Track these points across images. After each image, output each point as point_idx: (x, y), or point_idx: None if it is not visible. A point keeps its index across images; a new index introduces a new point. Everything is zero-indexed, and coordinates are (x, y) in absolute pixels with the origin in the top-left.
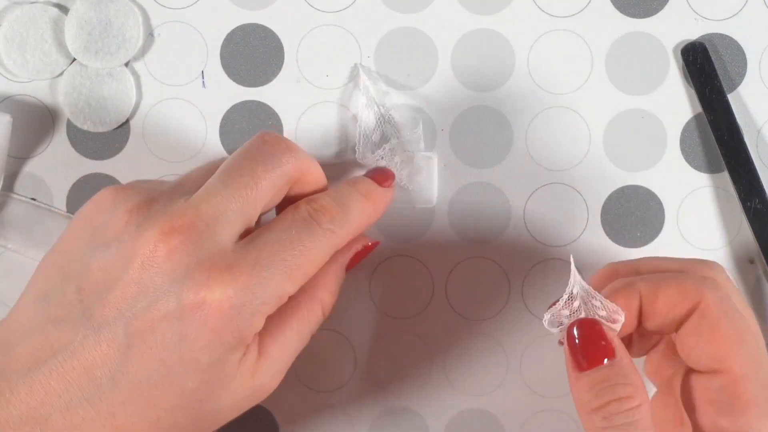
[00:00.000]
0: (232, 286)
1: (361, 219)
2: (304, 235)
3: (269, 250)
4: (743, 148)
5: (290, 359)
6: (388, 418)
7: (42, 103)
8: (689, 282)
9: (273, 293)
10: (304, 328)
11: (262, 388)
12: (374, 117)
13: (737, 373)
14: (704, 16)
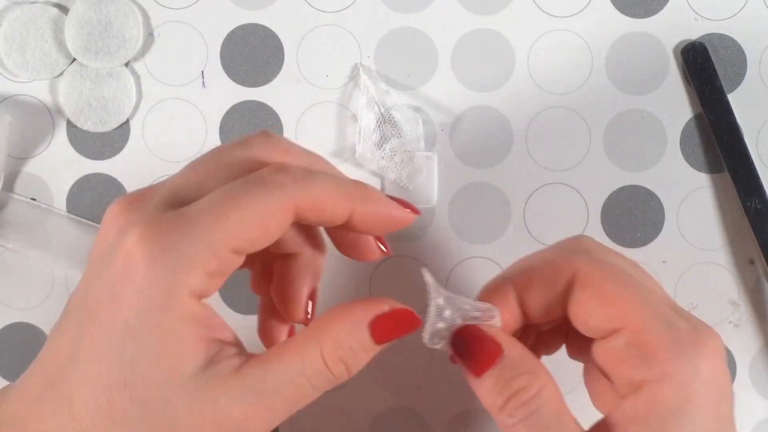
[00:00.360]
0: (157, 238)
1: (331, 195)
2: (250, 187)
3: (204, 202)
4: (743, 148)
5: (275, 402)
6: (388, 418)
7: (42, 103)
8: (558, 260)
9: (202, 243)
10: (298, 373)
11: (229, 413)
12: (374, 117)
13: (636, 325)
14: (704, 16)
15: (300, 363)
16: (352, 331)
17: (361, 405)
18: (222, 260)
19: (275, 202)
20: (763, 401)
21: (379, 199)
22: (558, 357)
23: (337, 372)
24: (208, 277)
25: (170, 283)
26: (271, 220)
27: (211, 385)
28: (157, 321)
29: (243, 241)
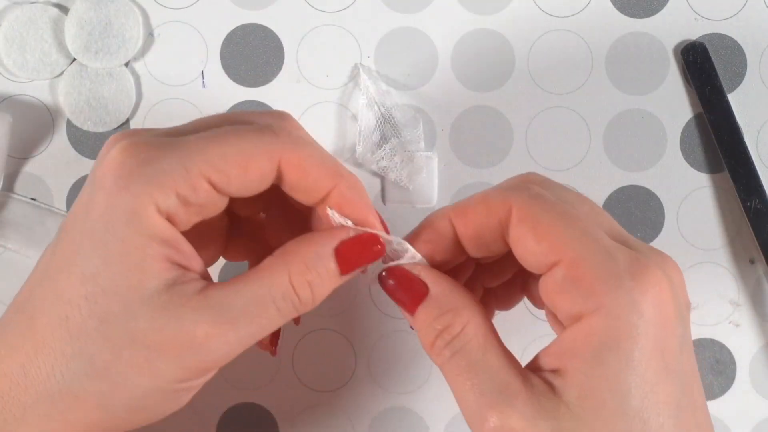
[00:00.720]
0: (133, 153)
1: (318, 163)
2: (241, 128)
3: (194, 134)
4: (743, 148)
5: (239, 323)
6: (388, 418)
7: (42, 103)
8: (493, 195)
9: (178, 164)
10: (264, 294)
11: (193, 332)
12: (374, 117)
13: (573, 257)
14: (704, 16)
15: (267, 285)
16: (320, 254)
17: (361, 405)
18: (196, 188)
19: (260, 145)
20: (763, 401)
21: (363, 194)
22: None
23: (303, 296)
24: (179, 201)
25: (139, 196)
26: (252, 161)
27: (174, 303)
28: (123, 235)
29: (220, 174)
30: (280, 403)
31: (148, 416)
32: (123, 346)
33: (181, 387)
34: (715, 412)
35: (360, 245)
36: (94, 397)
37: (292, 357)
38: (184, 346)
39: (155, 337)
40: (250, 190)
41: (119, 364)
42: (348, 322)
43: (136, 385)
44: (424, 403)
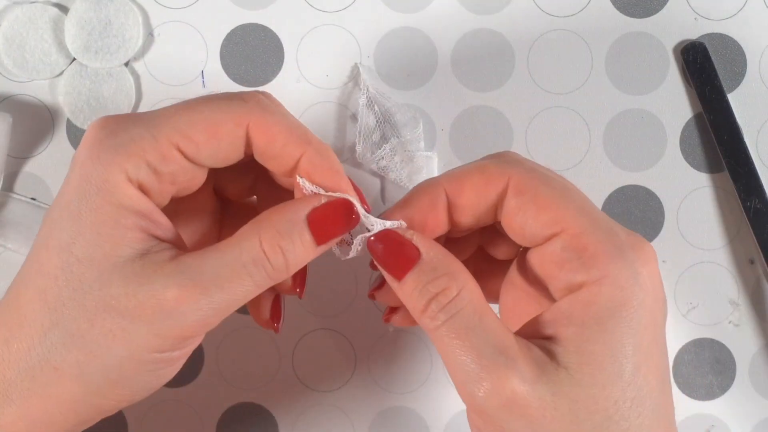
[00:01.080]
0: (104, 126)
1: (286, 130)
2: (210, 97)
3: (167, 106)
4: (743, 148)
5: (210, 288)
6: (388, 417)
7: (42, 103)
8: (491, 167)
9: (147, 132)
10: (234, 259)
11: (164, 296)
12: (374, 117)
13: (576, 228)
14: (704, 15)
15: (237, 250)
16: (292, 220)
17: (361, 405)
18: (165, 156)
19: (228, 111)
20: (763, 401)
21: (333, 161)
22: None
23: (275, 261)
24: (150, 170)
25: (109, 165)
26: (220, 127)
27: (147, 269)
28: (95, 204)
29: (188, 141)
30: (280, 403)
31: (129, 393)
32: (97, 314)
33: (158, 358)
34: (715, 412)
35: (333, 212)
36: (72, 367)
37: (292, 357)
38: (155, 311)
39: (128, 303)
40: (222, 158)
41: (94, 332)
42: (348, 322)
43: (112, 353)
44: (424, 402)
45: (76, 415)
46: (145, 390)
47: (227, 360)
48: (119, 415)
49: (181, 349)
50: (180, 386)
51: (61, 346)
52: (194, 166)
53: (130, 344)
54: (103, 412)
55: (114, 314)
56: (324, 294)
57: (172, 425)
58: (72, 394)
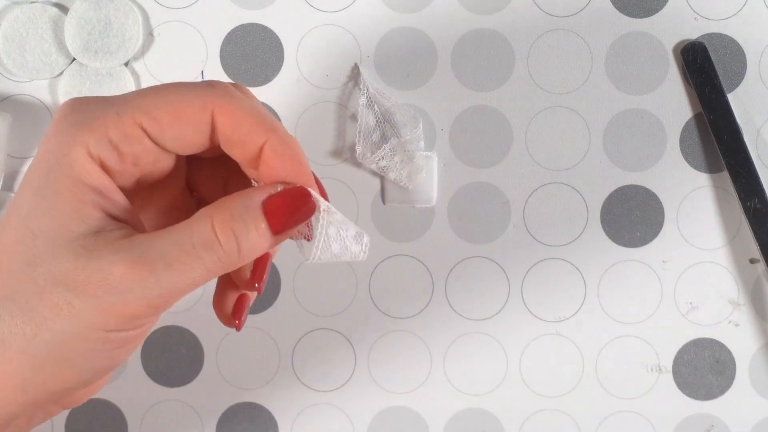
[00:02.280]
0: (72, 104)
1: (251, 116)
2: (178, 83)
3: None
4: (743, 147)
5: (158, 266)
6: (388, 417)
7: (42, 103)
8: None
9: (110, 109)
10: (185, 239)
11: (111, 271)
12: (374, 117)
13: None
14: (704, 15)
15: (189, 231)
16: (247, 205)
17: (361, 404)
18: (127, 134)
19: (194, 95)
20: (763, 401)
21: (296, 150)
22: None
23: (226, 245)
24: (110, 147)
25: (70, 140)
26: (185, 109)
27: (98, 245)
28: (54, 177)
29: (151, 121)
30: (280, 403)
31: (77, 372)
32: (45, 287)
33: (104, 336)
34: (715, 412)
35: (289, 200)
36: (18, 340)
37: (292, 356)
38: (100, 285)
39: (76, 277)
40: (186, 142)
41: (41, 306)
42: (348, 322)
43: (57, 328)
44: (423, 402)
45: (24, 393)
46: (92, 371)
47: (227, 360)
48: (119, 415)
49: (127, 330)
50: (180, 386)
51: (9, 318)
52: (158, 148)
53: (76, 319)
54: (52, 395)
55: (62, 288)
56: (324, 294)
57: (172, 425)
58: (17, 369)
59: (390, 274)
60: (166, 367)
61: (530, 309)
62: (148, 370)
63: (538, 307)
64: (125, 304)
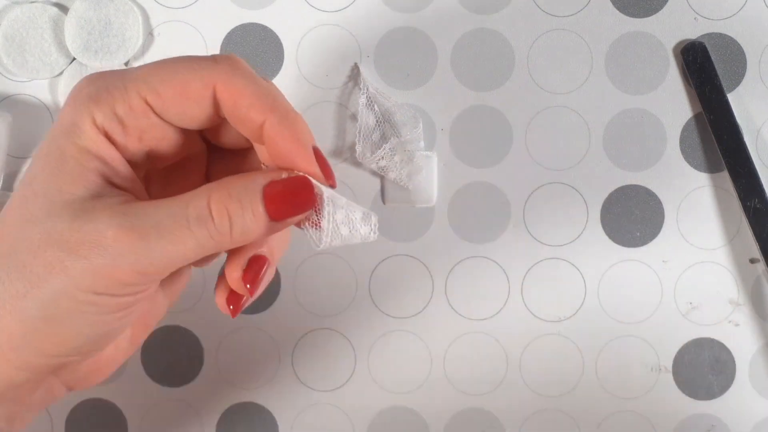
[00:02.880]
0: (87, 77)
1: (251, 93)
2: (181, 57)
3: None
4: (743, 147)
5: (150, 234)
6: (388, 417)
7: (42, 103)
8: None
9: (118, 82)
10: (179, 211)
11: (104, 233)
12: (374, 116)
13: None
14: (704, 15)
15: (185, 204)
16: (246, 187)
17: (361, 404)
18: (132, 107)
19: (198, 69)
20: (763, 401)
21: (298, 130)
22: None
23: (219, 223)
24: (115, 119)
25: (78, 109)
26: (187, 85)
27: (95, 209)
28: (60, 143)
29: (156, 96)
30: (279, 403)
31: (71, 337)
32: (40, 246)
33: (93, 299)
34: (714, 412)
35: (290, 188)
36: (11, 298)
37: (292, 356)
38: (92, 247)
39: (70, 237)
40: (190, 117)
41: (34, 263)
42: (348, 321)
43: (48, 286)
44: (423, 402)
45: (17, 355)
46: (85, 337)
47: (227, 359)
48: (119, 415)
49: (117, 296)
50: (180, 386)
51: (5, 275)
52: (164, 123)
53: (66, 279)
54: (48, 359)
55: (56, 247)
56: (324, 294)
57: (172, 425)
58: (9, 328)
59: (390, 274)
60: (166, 367)
61: (530, 309)
62: (148, 370)
63: (538, 307)
64: (115, 267)
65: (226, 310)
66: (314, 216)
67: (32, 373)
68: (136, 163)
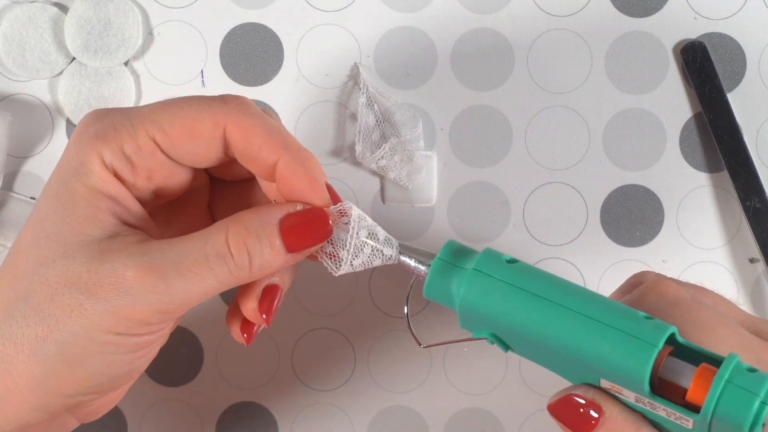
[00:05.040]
0: (93, 114)
1: (263, 133)
2: (192, 97)
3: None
4: (742, 147)
5: (169, 273)
6: (388, 417)
7: (41, 102)
8: (209, 107)
9: (126, 121)
10: (198, 249)
11: (123, 274)
12: (374, 116)
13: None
14: (704, 15)
15: (203, 241)
16: (262, 221)
17: (361, 404)
18: (140, 147)
19: (208, 110)
20: None
21: (311, 168)
22: None
23: (238, 259)
24: (123, 158)
25: (86, 148)
26: (197, 125)
27: (112, 249)
28: (71, 184)
29: (164, 136)
30: (279, 402)
31: (91, 377)
32: (57, 289)
33: (114, 339)
34: None
35: (307, 220)
36: (30, 342)
37: (292, 356)
38: (111, 288)
39: (88, 279)
40: (199, 156)
41: (53, 307)
42: (347, 321)
43: (68, 329)
44: (423, 401)
45: (35, 396)
46: (106, 376)
47: (227, 359)
48: (119, 415)
49: (138, 335)
50: (180, 386)
51: (22, 319)
52: (172, 162)
53: (86, 321)
54: (66, 399)
55: (73, 290)
56: (324, 293)
57: (171, 425)
58: (29, 371)
59: (390, 274)
60: (166, 366)
61: None
62: (148, 369)
63: None
64: (135, 308)
65: (241, 339)
66: (329, 247)
67: (48, 413)
68: (144, 201)
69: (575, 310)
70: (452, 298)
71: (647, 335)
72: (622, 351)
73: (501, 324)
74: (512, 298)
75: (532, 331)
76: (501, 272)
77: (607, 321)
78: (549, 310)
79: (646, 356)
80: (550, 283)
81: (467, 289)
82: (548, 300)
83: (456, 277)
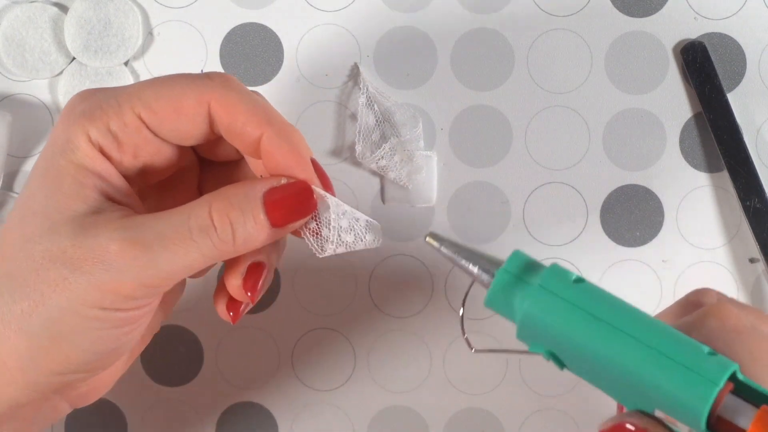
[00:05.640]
0: (80, 94)
1: (247, 109)
2: (177, 74)
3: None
4: (742, 147)
5: (153, 246)
6: (388, 417)
7: (41, 102)
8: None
9: (112, 99)
10: (181, 222)
11: (107, 247)
12: (374, 116)
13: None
14: (704, 15)
15: (186, 215)
16: (246, 194)
17: (361, 404)
18: (126, 124)
19: (193, 87)
20: None
21: (295, 143)
22: None
23: (222, 232)
24: (110, 135)
25: (72, 126)
26: (181, 102)
27: (96, 224)
28: (57, 161)
29: (149, 112)
30: (279, 402)
31: (78, 354)
32: (43, 263)
33: (99, 314)
34: None
35: (291, 194)
36: (16, 318)
37: (292, 356)
38: (96, 262)
39: (72, 253)
40: (184, 133)
41: (38, 281)
42: (347, 320)
43: (54, 304)
44: (423, 401)
45: (23, 373)
46: (92, 352)
47: (226, 359)
48: (119, 414)
49: (124, 310)
50: (180, 386)
51: (9, 295)
52: (158, 139)
53: (71, 295)
54: (54, 377)
55: (58, 264)
56: (324, 293)
57: (171, 424)
58: (16, 348)
59: (390, 274)
60: (166, 366)
61: None
62: (148, 369)
63: None
64: (120, 281)
65: (227, 317)
66: (313, 224)
67: (38, 393)
68: (131, 179)
69: (638, 338)
70: (513, 310)
71: (709, 372)
72: (681, 385)
73: (561, 343)
74: (576, 319)
75: (592, 355)
76: (567, 292)
77: (670, 353)
78: (612, 336)
79: (706, 393)
80: (615, 308)
81: (531, 305)
82: (612, 325)
83: (520, 290)
